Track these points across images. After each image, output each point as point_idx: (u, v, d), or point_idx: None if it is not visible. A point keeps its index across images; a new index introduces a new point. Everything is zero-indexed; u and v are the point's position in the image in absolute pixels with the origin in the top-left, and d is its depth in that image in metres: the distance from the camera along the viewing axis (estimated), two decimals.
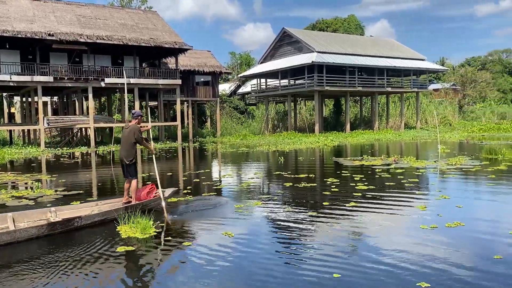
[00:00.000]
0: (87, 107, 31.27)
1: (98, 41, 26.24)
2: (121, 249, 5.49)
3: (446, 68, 53.93)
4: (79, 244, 5.82)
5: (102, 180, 13.03)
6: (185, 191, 9.70)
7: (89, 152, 24.15)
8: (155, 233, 6.15)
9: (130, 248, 5.53)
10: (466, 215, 6.98)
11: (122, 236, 6.05)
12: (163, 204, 7.23)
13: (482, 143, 22.44)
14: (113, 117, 33.08)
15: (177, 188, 9.27)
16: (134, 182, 7.57)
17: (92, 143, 26.68)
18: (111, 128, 31.58)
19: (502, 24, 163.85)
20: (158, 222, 6.73)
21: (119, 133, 34.34)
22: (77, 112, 33.23)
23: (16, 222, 6.54)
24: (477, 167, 12.66)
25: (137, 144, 7.59)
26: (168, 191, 8.15)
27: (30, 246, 5.78)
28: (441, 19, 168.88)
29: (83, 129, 31.58)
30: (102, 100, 39.82)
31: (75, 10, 29.00)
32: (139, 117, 7.69)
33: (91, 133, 27.47)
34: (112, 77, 27.48)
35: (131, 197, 7.64)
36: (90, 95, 27.09)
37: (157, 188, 7.69)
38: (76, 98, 33.77)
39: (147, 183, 9.55)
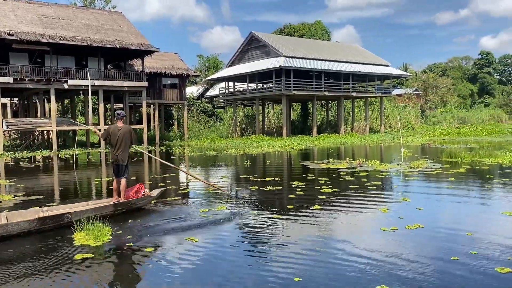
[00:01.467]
0: (49, 110, 30.38)
1: (61, 41, 25.55)
2: (79, 256, 5.34)
3: (409, 74, 55.52)
4: (31, 250, 5.65)
5: (64, 184, 12.65)
6: None
7: (51, 155, 23.43)
8: (109, 241, 5.97)
9: (89, 255, 5.39)
10: (426, 217, 7.18)
11: (75, 244, 5.87)
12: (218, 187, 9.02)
13: (443, 146, 23.19)
14: (77, 119, 32.26)
15: (164, 188, 9.50)
16: (124, 180, 8.02)
17: (54, 146, 25.91)
18: (74, 131, 30.79)
19: (462, 32, 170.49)
20: (116, 228, 6.59)
21: (83, 136, 33.56)
22: (39, 115, 32.19)
23: (10, 220, 6.80)
24: (438, 170, 13.06)
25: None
26: (156, 191, 8.61)
27: None
28: (404, 26, 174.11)
29: (45, 132, 30.65)
30: (65, 102, 38.76)
31: (37, 9, 28.15)
32: (124, 117, 8.14)
33: (53, 136, 26.67)
34: (76, 79, 26.82)
35: (119, 197, 8.02)
36: (53, 97, 26.32)
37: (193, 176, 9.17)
38: (38, 100, 32.72)
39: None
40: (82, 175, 15.14)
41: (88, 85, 26.59)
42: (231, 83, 40.39)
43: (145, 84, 29.50)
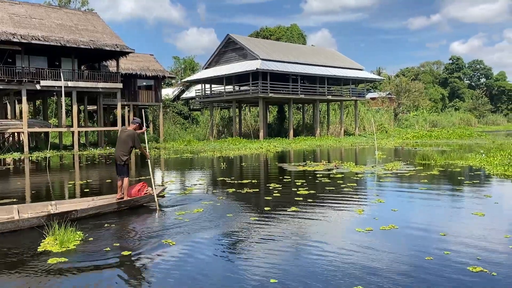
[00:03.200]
0: (20, 111, 29.63)
1: (33, 41, 24.96)
2: (53, 260, 5.22)
3: (383, 78, 56.53)
4: None
5: (36, 187, 12.35)
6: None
7: (22, 158, 22.83)
8: (74, 247, 5.76)
9: (63, 259, 5.28)
10: (400, 218, 7.32)
11: (39, 249, 5.67)
12: (156, 200, 8.40)
13: (416, 149, 23.69)
14: (49, 121, 31.56)
15: (165, 187, 10.01)
16: (126, 180, 8.45)
17: (26, 148, 25.27)
18: (46, 133, 30.10)
19: (433, 37, 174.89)
20: (88, 234, 6.45)
21: (55, 139, 32.83)
22: (9, 116, 31.37)
23: (20, 213, 7.35)
24: (412, 172, 13.34)
25: (133, 148, 8.62)
26: (158, 189, 8.96)
27: None
28: (378, 31, 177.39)
29: (16, 134, 29.86)
30: (37, 104, 37.84)
31: (8, 8, 27.43)
32: (137, 124, 8.71)
33: (24, 138, 26.01)
34: (49, 80, 26.23)
35: (123, 195, 8.44)
36: (24, 98, 25.68)
37: (151, 187, 8.65)
38: (8, 101, 31.89)
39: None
40: (55, 178, 14.82)
41: (61, 86, 26.07)
42: (207, 85, 40.27)
43: (120, 85, 29.10)
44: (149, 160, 9.22)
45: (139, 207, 8.42)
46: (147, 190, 8.68)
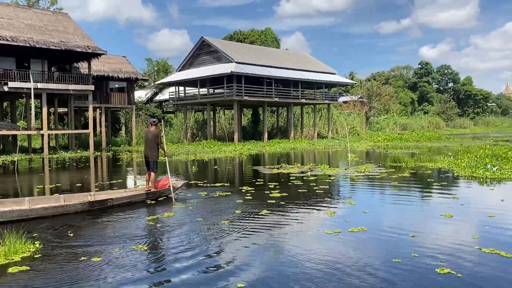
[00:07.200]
0: None
1: (1, 42, 24.20)
2: (14, 269, 5.05)
3: (355, 82, 57.33)
4: None
5: (3, 191, 11.95)
6: None
7: None
8: (20, 259, 5.40)
9: (24, 267, 5.10)
10: (370, 220, 7.43)
11: None
12: (173, 195, 9.48)
13: (387, 152, 24.14)
14: (17, 123, 30.67)
15: (187, 181, 11.04)
16: (153, 174, 9.71)
17: None
18: (14, 136, 29.25)
19: (404, 42, 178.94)
20: (42, 246, 6.25)
21: (24, 142, 31.92)
22: None
23: (66, 201, 8.50)
24: (383, 174, 13.58)
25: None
26: (180, 183, 10.24)
27: None
28: (350, 35, 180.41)
29: None
30: (4, 106, 36.71)
31: None
32: (157, 124, 9.78)
33: None
34: (17, 81, 25.48)
35: (150, 187, 9.68)
36: None
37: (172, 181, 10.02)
38: None
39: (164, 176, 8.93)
40: (23, 182, 14.41)
41: (30, 88, 25.39)
42: (181, 88, 39.98)
43: (92, 87, 28.57)
44: (167, 158, 10.52)
45: (163, 198, 9.61)
46: (169, 184, 9.78)
